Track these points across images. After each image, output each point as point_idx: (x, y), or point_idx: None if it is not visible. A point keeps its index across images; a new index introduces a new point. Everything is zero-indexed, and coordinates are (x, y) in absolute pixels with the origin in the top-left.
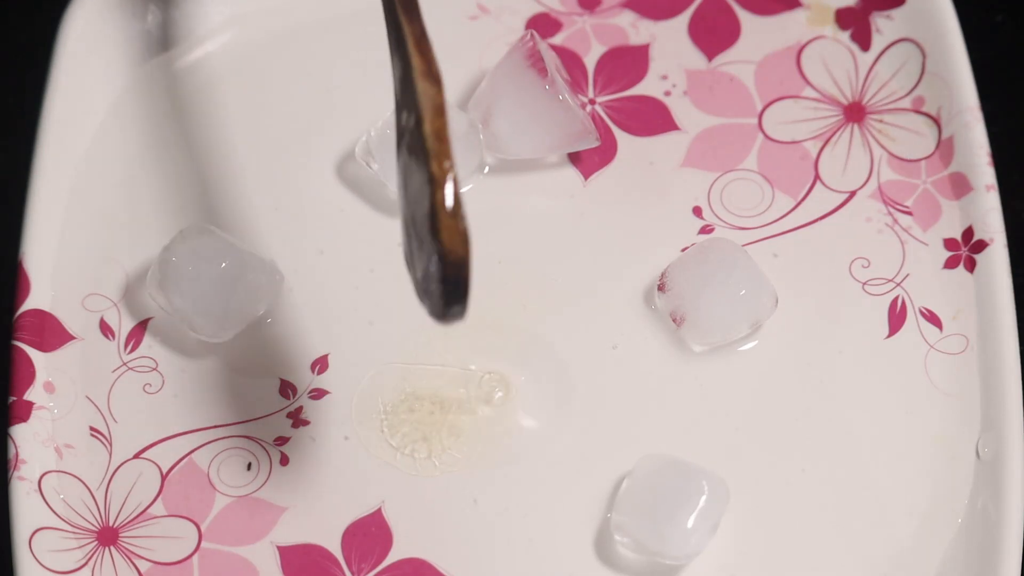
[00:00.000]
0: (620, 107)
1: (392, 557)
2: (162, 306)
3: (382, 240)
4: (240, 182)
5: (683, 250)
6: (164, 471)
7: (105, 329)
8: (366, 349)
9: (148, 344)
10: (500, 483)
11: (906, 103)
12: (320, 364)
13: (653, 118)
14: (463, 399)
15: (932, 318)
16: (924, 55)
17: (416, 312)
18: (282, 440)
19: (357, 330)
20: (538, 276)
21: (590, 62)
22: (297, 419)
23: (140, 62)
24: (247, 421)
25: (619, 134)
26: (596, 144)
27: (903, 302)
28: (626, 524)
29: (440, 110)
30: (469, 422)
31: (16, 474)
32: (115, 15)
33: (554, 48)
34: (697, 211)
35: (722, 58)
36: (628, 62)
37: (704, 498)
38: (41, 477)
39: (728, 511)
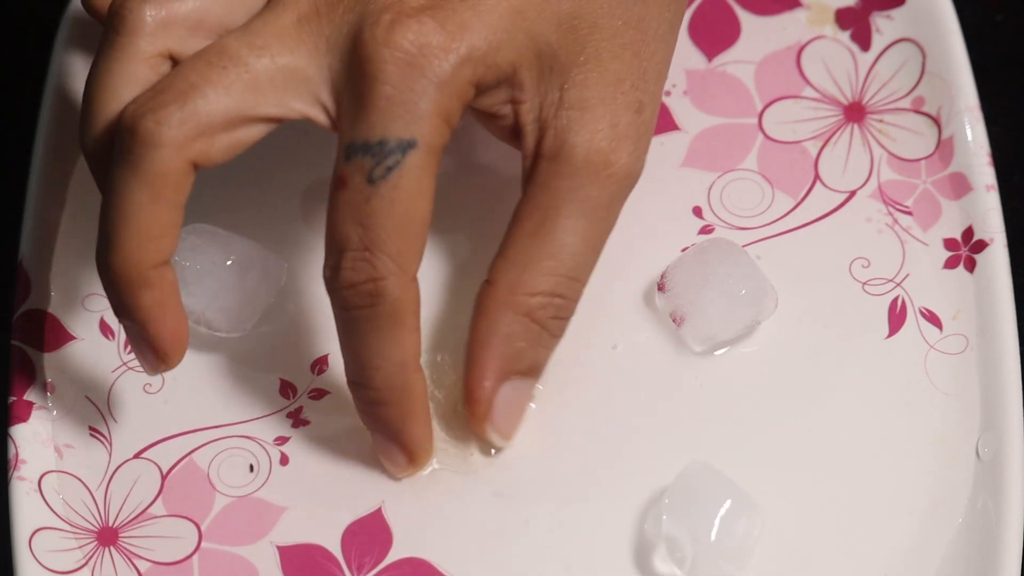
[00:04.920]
0: None
1: (392, 557)
2: None
3: None
4: (240, 182)
5: (683, 250)
6: (164, 471)
7: (105, 329)
8: None
9: None
10: (498, 483)
11: (906, 103)
12: (320, 364)
13: None
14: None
15: (932, 318)
16: (924, 55)
17: None
18: (282, 440)
19: None
20: None
21: None
22: (297, 419)
23: None
24: (247, 421)
25: None
26: None
27: (903, 302)
28: (674, 532)
29: None
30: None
31: (16, 474)
32: None
33: None
34: (697, 211)
35: (722, 58)
36: None
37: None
38: (41, 477)
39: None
